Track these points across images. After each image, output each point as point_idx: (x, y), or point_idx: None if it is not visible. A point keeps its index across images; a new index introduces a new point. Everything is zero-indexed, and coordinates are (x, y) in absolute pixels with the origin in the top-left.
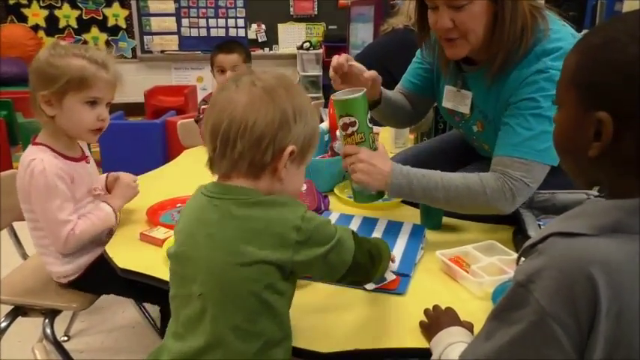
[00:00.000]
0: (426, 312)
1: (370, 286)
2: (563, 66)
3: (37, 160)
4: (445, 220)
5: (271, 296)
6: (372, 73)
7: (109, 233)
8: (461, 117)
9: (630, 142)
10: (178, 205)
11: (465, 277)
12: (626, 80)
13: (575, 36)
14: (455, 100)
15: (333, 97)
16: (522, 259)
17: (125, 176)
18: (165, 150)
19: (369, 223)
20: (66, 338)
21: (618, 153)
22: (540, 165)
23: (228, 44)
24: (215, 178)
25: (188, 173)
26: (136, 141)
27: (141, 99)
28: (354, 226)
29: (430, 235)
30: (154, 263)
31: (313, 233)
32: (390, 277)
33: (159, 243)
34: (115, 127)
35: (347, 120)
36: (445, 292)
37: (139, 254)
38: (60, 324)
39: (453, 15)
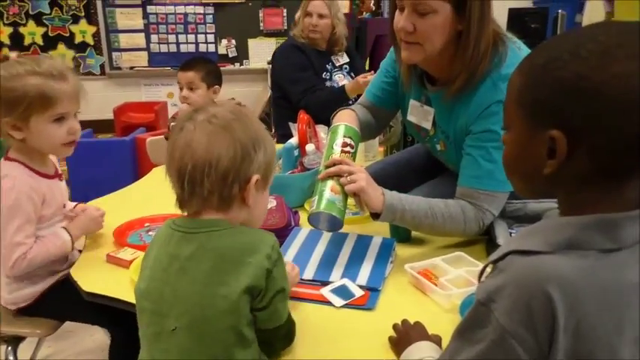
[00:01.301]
0: (395, 327)
1: (339, 302)
2: (508, 87)
3: (9, 177)
4: (414, 232)
5: (246, 328)
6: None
7: (66, 261)
8: (426, 133)
9: (583, 157)
10: (146, 224)
11: (434, 290)
12: (571, 96)
13: None
14: (418, 115)
15: (335, 124)
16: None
17: (92, 209)
18: (135, 167)
19: (339, 237)
20: None
21: (572, 169)
22: (504, 194)
23: (187, 62)
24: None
25: (157, 192)
26: (104, 159)
27: (110, 116)
28: (324, 241)
29: (400, 248)
30: (121, 286)
31: (277, 264)
32: (358, 292)
33: (126, 264)
34: (83, 145)
35: (349, 141)
36: (414, 305)
37: (105, 277)
38: (26, 349)
39: (416, 20)
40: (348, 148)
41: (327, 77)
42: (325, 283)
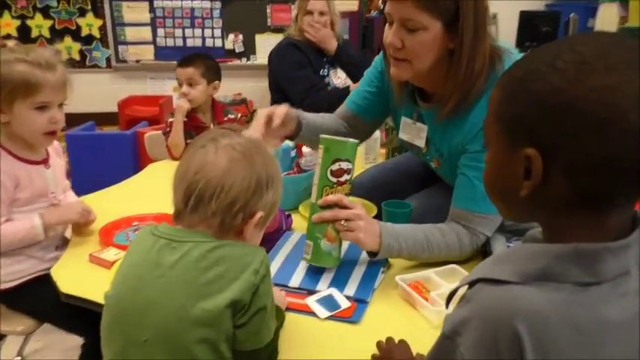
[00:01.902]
0: (379, 345)
1: (323, 313)
2: (489, 102)
3: None
4: None
5: (224, 344)
6: (280, 112)
7: (54, 251)
8: (419, 150)
9: (560, 179)
10: (135, 223)
11: (424, 305)
12: (547, 112)
13: None
14: (411, 132)
15: (327, 137)
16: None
17: (75, 201)
18: (136, 161)
19: None
20: (19, 358)
21: (550, 192)
22: (498, 216)
23: (186, 57)
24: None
25: (149, 190)
26: (105, 152)
27: (115, 109)
28: None
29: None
30: (100, 288)
31: (265, 280)
32: (344, 304)
33: (108, 265)
34: (83, 138)
35: (344, 166)
36: (403, 320)
37: (85, 278)
38: (14, 343)
39: (404, 36)
40: (344, 177)
41: (325, 74)
42: (311, 292)
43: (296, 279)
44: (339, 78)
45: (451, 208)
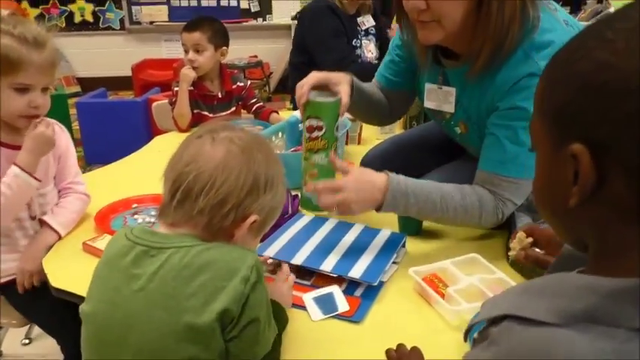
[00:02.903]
0: (388, 353)
1: (317, 315)
2: (533, 98)
3: None
4: (426, 224)
5: None
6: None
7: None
8: (442, 116)
9: (619, 182)
10: (134, 205)
11: (439, 302)
12: (593, 94)
13: (569, 22)
14: (437, 99)
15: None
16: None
17: (39, 131)
18: (148, 129)
19: (344, 226)
20: (27, 341)
21: (606, 198)
22: (529, 181)
23: (192, 22)
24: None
25: (152, 166)
26: (117, 120)
27: (129, 73)
28: (326, 229)
29: (408, 242)
30: None
31: (256, 288)
32: (342, 307)
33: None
34: (94, 106)
35: (314, 123)
36: (416, 319)
37: (78, 270)
38: (16, 336)
39: None
40: (315, 133)
41: (358, 45)
42: (313, 274)
43: (300, 257)
44: (370, 52)
45: (477, 171)
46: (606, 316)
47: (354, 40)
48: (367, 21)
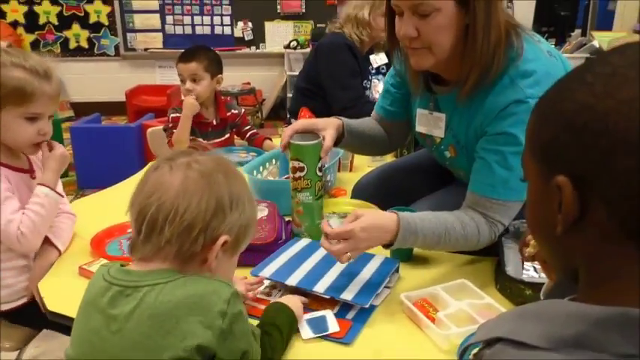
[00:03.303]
0: None
1: (307, 333)
2: (525, 132)
3: None
4: (417, 250)
5: None
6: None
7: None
8: (432, 141)
9: (601, 212)
10: (129, 230)
11: (429, 326)
12: (575, 133)
13: (552, 53)
14: (428, 124)
15: (291, 140)
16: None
17: (55, 153)
18: (142, 155)
19: None
20: None
21: (590, 229)
22: (517, 203)
23: (187, 52)
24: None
25: None
26: (110, 146)
27: (123, 98)
28: (322, 252)
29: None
30: None
31: (236, 322)
32: (333, 328)
33: None
34: (88, 131)
35: (296, 164)
36: (407, 342)
37: (75, 294)
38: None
39: (418, 23)
40: (297, 174)
41: (368, 86)
42: (307, 295)
43: (294, 278)
44: (377, 92)
45: (468, 192)
46: (593, 343)
47: (365, 81)
48: (380, 59)
